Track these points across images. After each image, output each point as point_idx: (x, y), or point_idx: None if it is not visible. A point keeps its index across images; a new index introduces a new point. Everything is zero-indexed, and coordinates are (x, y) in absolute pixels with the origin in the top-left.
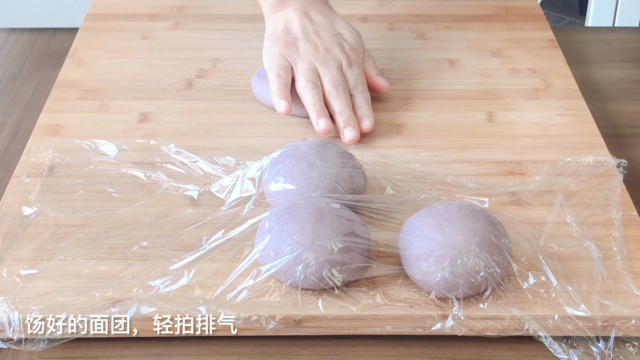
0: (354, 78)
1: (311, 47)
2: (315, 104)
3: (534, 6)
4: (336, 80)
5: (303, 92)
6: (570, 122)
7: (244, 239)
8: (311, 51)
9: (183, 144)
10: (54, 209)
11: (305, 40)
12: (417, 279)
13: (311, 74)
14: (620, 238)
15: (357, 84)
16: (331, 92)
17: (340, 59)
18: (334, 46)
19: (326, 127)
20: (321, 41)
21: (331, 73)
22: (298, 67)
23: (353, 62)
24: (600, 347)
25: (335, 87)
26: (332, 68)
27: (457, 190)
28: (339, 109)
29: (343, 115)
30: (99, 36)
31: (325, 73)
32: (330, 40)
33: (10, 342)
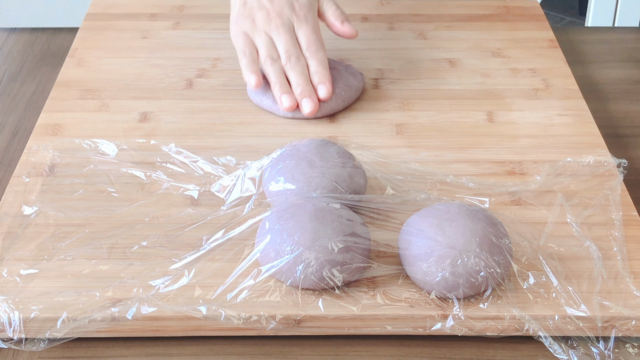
0: (306, 38)
1: (264, 16)
2: (277, 81)
3: (534, 6)
4: (288, 49)
5: (264, 68)
6: (570, 122)
7: (244, 239)
8: (264, 20)
9: (183, 144)
10: (54, 209)
11: (259, 9)
12: (417, 279)
13: (268, 47)
14: (621, 238)
15: (310, 44)
16: (286, 63)
17: (291, 20)
18: (284, 7)
19: (290, 104)
20: (272, 5)
21: (283, 41)
22: (257, 41)
23: (303, 20)
24: (600, 347)
25: (288, 58)
26: (284, 35)
27: (457, 190)
28: (294, 82)
29: (298, 87)
30: (99, 36)
31: (279, 42)
32: (280, 3)
33: (10, 342)
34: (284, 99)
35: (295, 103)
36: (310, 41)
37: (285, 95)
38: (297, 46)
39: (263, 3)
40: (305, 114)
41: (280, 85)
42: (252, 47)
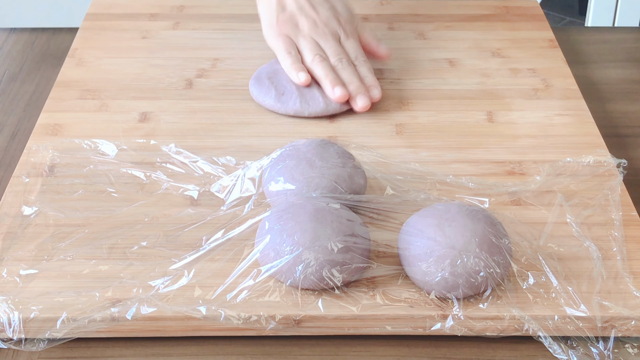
0: (354, 50)
1: (310, 23)
2: (328, 74)
3: (534, 6)
4: (339, 53)
5: (312, 65)
6: (570, 122)
7: (244, 239)
8: (311, 27)
9: (183, 144)
10: (54, 209)
11: (302, 15)
12: (417, 279)
13: (316, 48)
14: (620, 238)
15: (358, 55)
16: (337, 64)
17: (337, 32)
18: (331, 20)
19: (343, 93)
20: (318, 16)
21: (333, 47)
22: (301, 44)
23: (349, 34)
24: (599, 347)
25: (339, 60)
26: (332, 42)
27: (457, 190)
28: (348, 79)
29: (352, 84)
30: (99, 36)
31: (327, 47)
32: (326, 14)
33: (10, 342)
34: (337, 90)
35: (347, 94)
36: (359, 53)
37: (338, 87)
38: (346, 53)
39: (307, 11)
40: (358, 108)
41: (332, 78)
42: (296, 48)
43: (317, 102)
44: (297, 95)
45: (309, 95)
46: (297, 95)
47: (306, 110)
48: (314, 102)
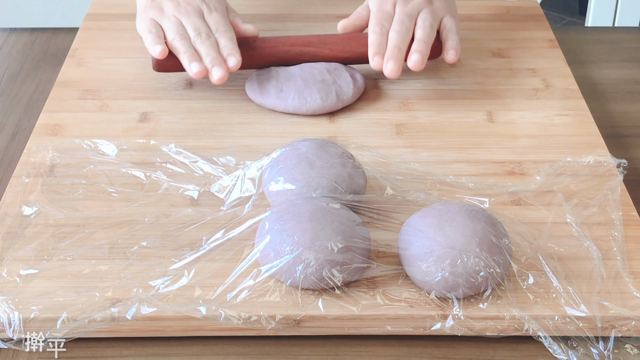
0: (215, 22)
1: (173, 4)
2: (186, 51)
3: (534, 6)
4: (198, 27)
5: (173, 43)
6: (570, 122)
7: (244, 239)
8: (174, 7)
9: (183, 144)
10: (54, 209)
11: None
12: (417, 279)
13: (177, 27)
14: (620, 238)
15: (219, 27)
16: (195, 39)
17: (200, 8)
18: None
19: (199, 69)
20: None
21: (193, 22)
22: (165, 25)
23: (212, 8)
24: (599, 348)
25: (198, 34)
26: (194, 17)
27: (457, 190)
28: (205, 52)
29: (209, 57)
30: (99, 36)
31: (188, 23)
32: None
33: (10, 342)
34: (193, 66)
35: (205, 70)
36: (220, 24)
37: (195, 62)
38: (207, 27)
39: None
40: (214, 80)
41: (190, 54)
42: (159, 28)
43: (314, 99)
44: (295, 92)
45: (307, 92)
46: (294, 92)
47: (304, 106)
48: (312, 98)
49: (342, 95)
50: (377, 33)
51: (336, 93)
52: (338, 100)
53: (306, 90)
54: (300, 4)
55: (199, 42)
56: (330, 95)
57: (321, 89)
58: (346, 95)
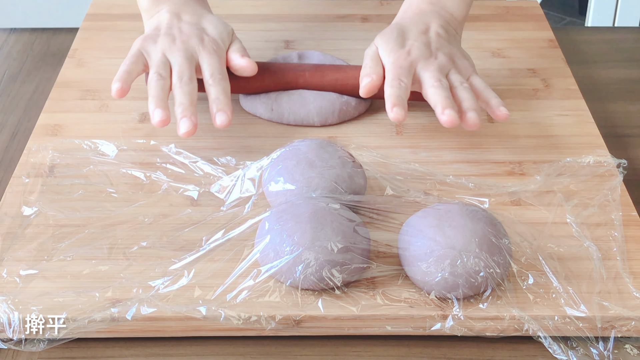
0: (210, 66)
1: (168, 40)
2: (154, 95)
3: (534, 6)
4: (182, 70)
5: (149, 83)
6: (570, 122)
7: (244, 239)
8: (167, 43)
9: (183, 144)
10: (54, 209)
11: (166, 34)
12: (417, 279)
13: (160, 65)
14: (620, 238)
15: (214, 72)
16: (175, 83)
17: (196, 50)
18: (192, 38)
19: (161, 118)
20: (180, 34)
21: (179, 62)
22: (151, 59)
23: (209, 51)
24: (599, 348)
25: (179, 78)
26: (182, 58)
27: (457, 190)
28: (178, 101)
29: (180, 107)
30: (99, 36)
31: (174, 64)
32: (190, 32)
33: (10, 342)
34: (155, 113)
35: (168, 119)
36: (215, 69)
37: (158, 110)
38: (192, 70)
39: (172, 31)
40: (180, 134)
41: (157, 100)
42: (137, 61)
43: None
44: (289, 108)
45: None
46: (289, 108)
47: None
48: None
49: (347, 114)
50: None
51: (339, 111)
52: (339, 118)
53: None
54: (300, 4)
55: (177, 87)
56: (333, 115)
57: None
58: (351, 114)
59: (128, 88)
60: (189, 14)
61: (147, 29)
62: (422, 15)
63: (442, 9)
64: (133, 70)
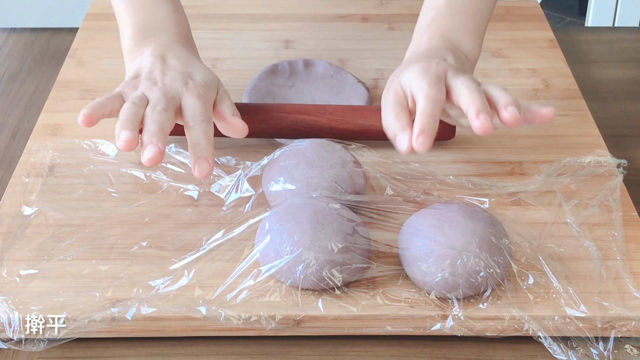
0: (192, 108)
1: (149, 84)
2: (124, 118)
3: (534, 6)
4: (156, 102)
5: (120, 111)
6: (570, 122)
7: (244, 239)
8: (148, 86)
9: (183, 144)
10: (54, 209)
11: (147, 78)
12: (417, 279)
13: (136, 97)
14: (620, 238)
15: (196, 114)
16: (147, 112)
17: (179, 93)
18: (176, 82)
19: (126, 138)
20: (163, 78)
21: (155, 97)
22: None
23: (194, 94)
24: (599, 348)
25: (152, 108)
26: (158, 93)
27: (457, 190)
28: (146, 128)
29: (147, 133)
30: (99, 36)
31: (151, 99)
32: (174, 76)
33: (10, 342)
34: (122, 134)
35: (135, 143)
36: (198, 111)
37: (125, 131)
38: (170, 104)
39: (153, 75)
40: (143, 161)
41: (125, 122)
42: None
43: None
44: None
45: None
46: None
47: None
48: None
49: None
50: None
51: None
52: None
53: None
54: (300, 4)
55: (148, 115)
56: None
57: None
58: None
59: (96, 118)
60: (174, 59)
61: (128, 74)
62: (436, 50)
63: (456, 48)
64: (107, 105)
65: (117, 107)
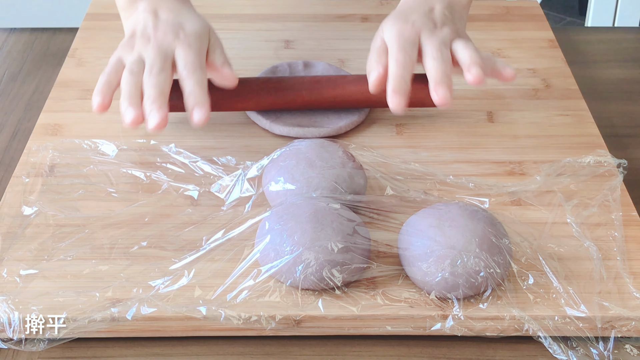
0: (183, 59)
1: (143, 42)
2: (125, 93)
3: (534, 6)
4: (154, 62)
5: (121, 82)
6: (570, 122)
7: (244, 239)
8: (142, 45)
9: (183, 144)
10: (54, 209)
11: (141, 37)
12: (417, 279)
13: (133, 63)
14: (620, 238)
15: (187, 63)
16: (145, 76)
17: (171, 46)
18: (168, 35)
19: (133, 117)
20: (155, 34)
21: (150, 57)
22: (126, 61)
23: (185, 45)
24: (599, 348)
25: (149, 70)
26: (152, 52)
27: (457, 190)
28: (145, 93)
29: (149, 99)
30: (99, 36)
31: (146, 59)
32: (166, 30)
33: (10, 342)
34: (128, 112)
35: (140, 119)
36: (189, 61)
37: (130, 108)
38: (166, 61)
39: (147, 32)
40: (148, 129)
41: (129, 97)
42: (119, 69)
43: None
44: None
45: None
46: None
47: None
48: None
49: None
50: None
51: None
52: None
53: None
54: (300, 4)
55: (146, 78)
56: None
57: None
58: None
59: (109, 101)
60: (166, 11)
61: (126, 32)
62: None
63: None
64: (113, 81)
65: (120, 78)
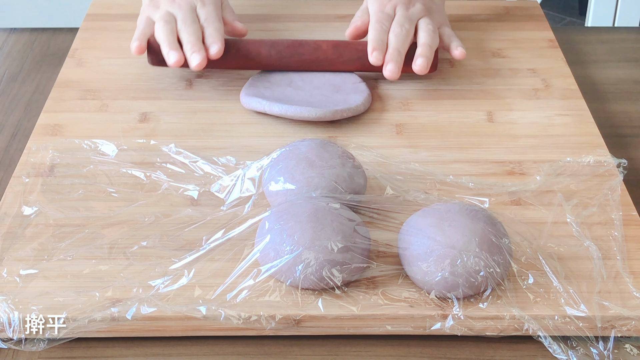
0: (205, 13)
1: (169, 1)
2: (165, 39)
3: (534, 6)
4: (185, 16)
5: (156, 31)
6: (570, 122)
7: (244, 239)
8: (168, 4)
9: (183, 144)
10: (54, 209)
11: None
12: (417, 278)
13: (164, 15)
14: (620, 238)
15: (208, 16)
16: (181, 27)
17: (193, 3)
18: None
19: (176, 58)
20: None
21: (182, 13)
22: (156, 18)
23: (206, 3)
24: (599, 348)
25: (183, 22)
26: (183, 9)
27: (457, 190)
28: (186, 39)
29: (188, 44)
30: (99, 36)
31: (178, 14)
32: None
33: (10, 342)
34: (171, 55)
35: (182, 59)
36: (209, 14)
37: (172, 52)
38: (193, 15)
39: None
40: (192, 67)
41: (169, 43)
42: (149, 24)
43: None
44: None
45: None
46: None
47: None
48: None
49: (347, 111)
50: (377, 30)
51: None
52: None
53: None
54: (300, 4)
55: (182, 28)
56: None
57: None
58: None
59: (145, 46)
60: None
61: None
62: None
63: None
64: (146, 32)
65: (152, 31)
